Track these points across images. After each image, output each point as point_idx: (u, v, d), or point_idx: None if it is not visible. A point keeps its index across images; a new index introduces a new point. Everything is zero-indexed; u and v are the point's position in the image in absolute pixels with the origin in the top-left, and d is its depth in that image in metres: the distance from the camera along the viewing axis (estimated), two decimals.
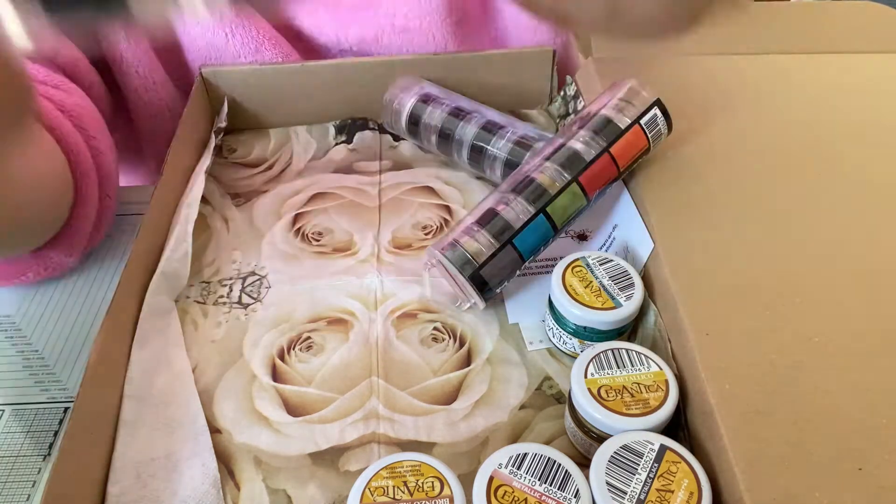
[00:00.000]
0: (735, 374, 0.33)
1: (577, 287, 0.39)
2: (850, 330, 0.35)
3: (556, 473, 0.31)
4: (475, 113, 0.52)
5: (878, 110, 0.50)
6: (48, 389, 0.41)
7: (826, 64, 0.54)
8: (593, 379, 0.34)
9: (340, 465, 0.36)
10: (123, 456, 0.36)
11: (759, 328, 0.35)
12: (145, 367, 0.40)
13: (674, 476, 0.30)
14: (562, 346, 0.40)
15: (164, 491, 0.35)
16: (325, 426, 0.38)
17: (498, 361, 0.41)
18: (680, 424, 0.36)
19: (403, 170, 0.54)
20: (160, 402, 0.39)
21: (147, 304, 0.43)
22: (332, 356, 0.41)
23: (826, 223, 0.41)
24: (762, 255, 0.39)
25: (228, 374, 0.40)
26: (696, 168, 0.44)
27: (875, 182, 0.44)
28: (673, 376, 0.35)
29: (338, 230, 0.49)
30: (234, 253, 0.48)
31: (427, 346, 0.42)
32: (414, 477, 0.31)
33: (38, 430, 0.39)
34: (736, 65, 0.54)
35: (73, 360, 0.42)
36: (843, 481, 0.29)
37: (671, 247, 0.40)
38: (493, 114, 0.52)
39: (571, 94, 0.56)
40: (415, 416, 0.38)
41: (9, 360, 0.42)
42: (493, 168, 0.50)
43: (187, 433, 0.37)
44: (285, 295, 0.45)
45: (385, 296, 0.44)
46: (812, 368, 0.33)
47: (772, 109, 0.49)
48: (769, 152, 0.46)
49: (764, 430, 0.31)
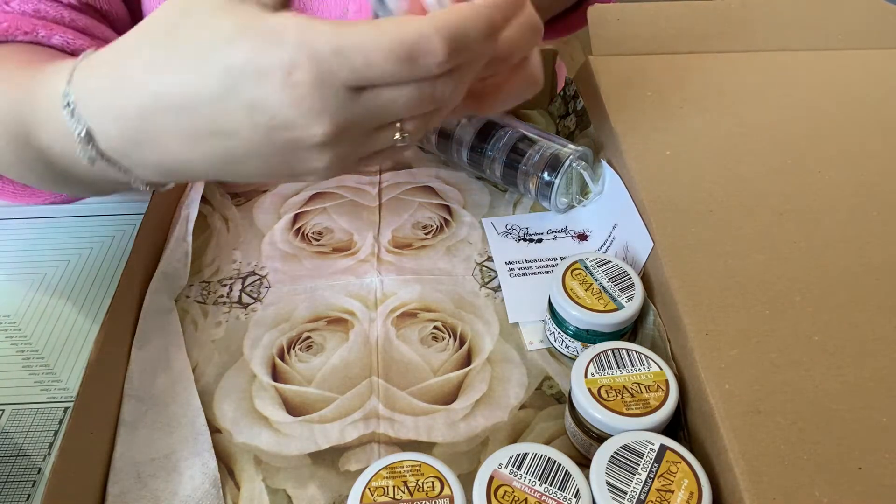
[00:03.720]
0: (735, 374, 0.33)
1: (578, 290, 0.39)
2: (850, 330, 0.35)
3: (556, 473, 0.31)
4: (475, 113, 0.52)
5: (879, 108, 0.50)
6: (48, 389, 0.41)
7: (826, 61, 0.54)
8: (593, 379, 0.34)
9: (340, 465, 0.36)
10: (123, 456, 0.36)
11: (759, 328, 0.35)
12: (145, 367, 0.40)
13: (674, 476, 0.30)
14: (563, 349, 0.40)
15: (164, 491, 0.35)
16: (325, 426, 0.38)
17: (498, 361, 0.41)
18: (680, 424, 0.36)
19: (403, 170, 0.54)
20: (160, 402, 0.39)
21: (147, 304, 0.43)
22: (332, 356, 0.41)
23: (826, 223, 0.41)
24: (762, 254, 0.39)
25: (228, 373, 0.40)
26: (696, 168, 0.44)
27: (876, 181, 0.44)
28: (673, 376, 0.35)
29: (338, 230, 0.49)
30: (234, 253, 0.48)
31: (427, 346, 0.42)
32: (414, 477, 0.31)
33: (38, 430, 0.39)
34: (736, 63, 0.54)
35: (73, 360, 0.42)
36: (843, 481, 0.29)
37: (671, 247, 0.40)
38: (493, 114, 0.52)
39: (571, 94, 0.56)
40: (415, 416, 0.38)
41: (9, 360, 0.42)
42: (492, 168, 0.50)
43: (187, 433, 0.37)
44: (285, 295, 0.45)
45: (385, 295, 0.44)
46: (812, 368, 0.33)
47: (772, 108, 0.49)
48: (769, 151, 0.46)
49: (764, 430, 0.31)
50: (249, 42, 0.28)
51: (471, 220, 0.50)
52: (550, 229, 0.49)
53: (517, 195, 0.52)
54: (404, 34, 0.27)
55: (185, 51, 0.30)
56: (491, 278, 0.46)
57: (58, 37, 0.44)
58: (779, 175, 0.44)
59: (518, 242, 0.48)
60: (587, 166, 0.47)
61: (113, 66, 0.33)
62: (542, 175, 0.47)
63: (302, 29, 0.28)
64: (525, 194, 0.51)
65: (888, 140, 0.47)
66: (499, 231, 0.49)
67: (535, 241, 0.48)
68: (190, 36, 0.30)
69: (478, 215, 0.50)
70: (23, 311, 0.45)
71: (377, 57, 0.27)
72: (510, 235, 0.48)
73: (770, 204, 0.42)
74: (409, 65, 0.28)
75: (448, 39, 0.27)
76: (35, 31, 0.43)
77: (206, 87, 0.30)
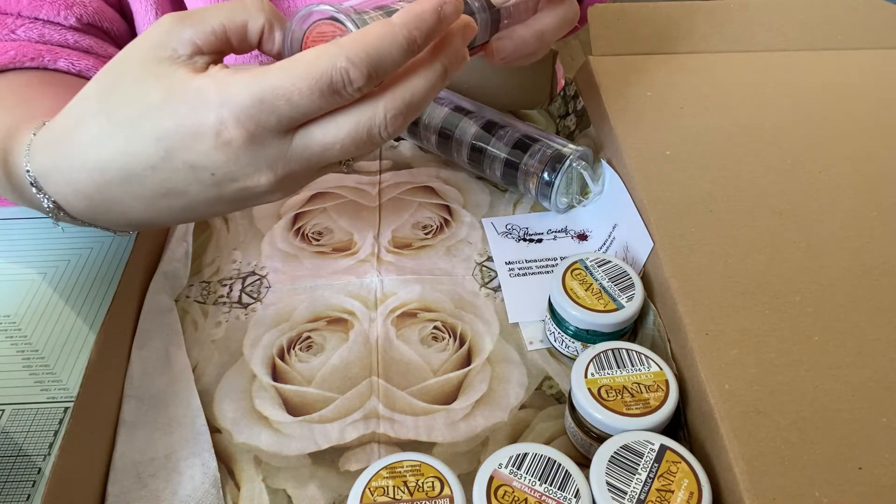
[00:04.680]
0: (735, 374, 0.33)
1: (578, 290, 0.39)
2: (850, 330, 0.35)
3: (556, 473, 0.31)
4: (475, 113, 0.52)
5: (879, 108, 0.50)
6: (48, 389, 0.41)
7: (826, 61, 0.54)
8: (593, 379, 0.34)
9: (340, 465, 0.36)
10: (123, 456, 0.36)
11: (759, 328, 0.35)
12: (145, 367, 0.40)
13: (674, 476, 0.30)
14: (563, 349, 0.40)
15: (164, 491, 0.35)
16: (325, 426, 0.38)
17: (498, 361, 0.41)
18: (680, 424, 0.36)
19: (403, 169, 0.54)
20: (160, 402, 0.39)
21: (147, 304, 0.43)
22: (332, 356, 0.41)
23: (826, 223, 0.41)
24: (762, 254, 0.39)
25: (228, 373, 0.40)
26: (696, 168, 0.44)
27: (876, 181, 0.44)
28: (673, 376, 0.35)
29: (337, 230, 0.49)
30: (234, 253, 0.48)
31: (427, 346, 0.42)
32: (414, 477, 0.31)
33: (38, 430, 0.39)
34: (736, 63, 0.54)
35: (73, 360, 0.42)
36: (843, 481, 0.29)
37: (671, 247, 0.40)
38: (493, 114, 0.52)
39: (571, 94, 0.56)
40: (415, 416, 0.38)
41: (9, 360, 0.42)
42: (492, 168, 0.50)
43: (187, 433, 0.37)
44: (285, 295, 0.45)
45: (385, 295, 0.44)
46: (812, 368, 0.33)
47: (772, 107, 0.49)
48: (769, 151, 0.46)
49: (764, 430, 0.31)
50: (175, 107, 0.29)
51: (471, 220, 0.50)
52: (550, 229, 0.49)
53: (517, 195, 0.52)
54: (319, 70, 0.28)
55: (120, 120, 0.31)
56: (491, 278, 0.46)
57: (62, 60, 0.46)
58: (779, 175, 0.44)
59: (518, 242, 0.48)
60: (587, 166, 0.47)
61: (61, 143, 0.34)
62: (542, 175, 0.47)
63: (221, 87, 0.29)
64: (525, 194, 0.51)
65: (888, 140, 0.47)
66: (499, 231, 0.49)
67: (535, 241, 0.48)
68: (122, 104, 0.31)
69: (478, 215, 0.50)
70: (23, 311, 0.45)
71: (298, 97, 0.28)
72: (510, 235, 0.48)
73: (770, 204, 0.42)
74: (332, 97, 0.28)
75: (362, 64, 0.28)
76: (41, 57, 0.45)
77: (144, 154, 0.31)
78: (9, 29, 0.47)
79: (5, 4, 0.47)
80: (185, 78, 0.30)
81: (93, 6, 0.50)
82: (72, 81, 0.46)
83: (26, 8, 0.47)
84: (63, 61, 0.46)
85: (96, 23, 0.51)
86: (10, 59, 0.44)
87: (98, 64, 0.48)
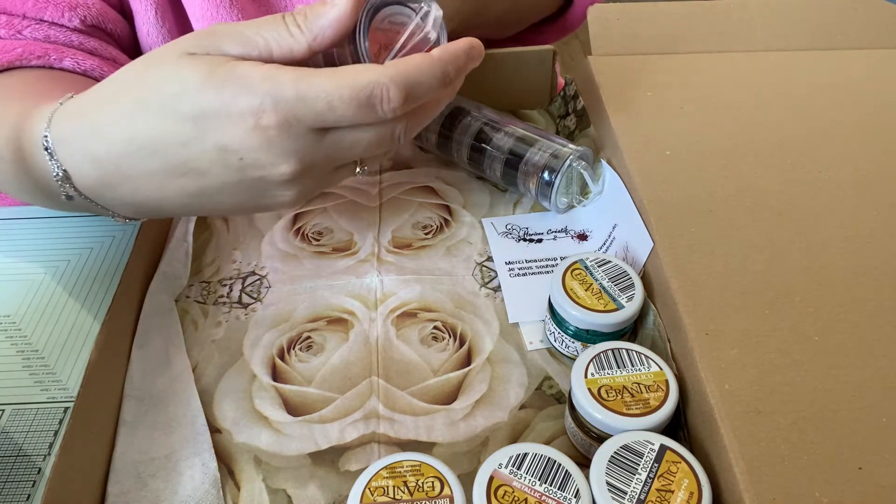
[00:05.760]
0: (735, 374, 0.33)
1: (578, 290, 0.39)
2: (851, 329, 0.35)
3: (556, 473, 0.31)
4: (475, 113, 0.52)
5: (879, 108, 0.50)
6: (48, 389, 0.41)
7: (826, 61, 0.54)
8: (593, 379, 0.34)
9: (340, 465, 0.36)
10: (123, 456, 0.36)
11: (759, 328, 0.35)
12: (145, 366, 0.40)
13: (674, 476, 0.30)
14: (563, 349, 0.40)
15: (164, 491, 0.35)
16: (325, 426, 0.38)
17: (498, 361, 0.41)
18: (680, 424, 0.36)
19: (403, 169, 0.54)
20: (160, 402, 0.39)
21: (147, 304, 0.43)
22: (332, 356, 0.41)
23: (826, 223, 0.41)
24: (762, 254, 0.39)
25: (228, 373, 0.40)
26: (696, 168, 0.44)
27: (876, 181, 0.44)
28: (673, 376, 0.35)
29: (338, 230, 0.49)
30: (234, 253, 0.48)
31: (427, 346, 0.42)
32: (414, 477, 0.31)
33: (38, 430, 0.39)
34: (735, 62, 0.54)
35: (73, 360, 0.42)
36: (843, 481, 0.29)
37: (671, 246, 0.40)
38: (493, 114, 0.52)
39: (571, 94, 0.56)
40: (415, 416, 0.38)
41: (9, 360, 0.42)
42: (492, 168, 0.50)
43: (187, 433, 0.37)
44: (285, 295, 0.45)
45: (385, 295, 0.44)
46: (812, 368, 0.33)
47: (772, 107, 0.49)
48: (769, 151, 0.46)
49: (764, 430, 0.31)
50: (218, 89, 0.31)
51: (471, 220, 0.50)
52: (550, 229, 0.49)
53: (517, 195, 0.52)
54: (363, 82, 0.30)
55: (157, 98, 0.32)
56: (491, 278, 0.46)
57: (68, 59, 0.47)
58: (779, 175, 0.44)
59: (518, 242, 0.48)
60: (587, 166, 0.47)
61: (88, 113, 0.35)
62: (542, 175, 0.47)
63: (268, 77, 0.30)
64: (525, 194, 0.51)
65: (888, 140, 0.47)
66: (499, 231, 0.49)
67: (535, 241, 0.48)
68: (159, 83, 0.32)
69: (478, 215, 0.50)
70: (23, 311, 0.45)
71: (338, 103, 0.30)
72: (510, 235, 0.48)
73: (770, 204, 0.42)
74: (367, 110, 0.31)
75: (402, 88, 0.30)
76: (47, 55, 0.46)
77: (178, 130, 0.32)
78: (15, 29, 0.47)
79: (10, 6, 0.48)
80: (227, 63, 0.31)
81: (96, 8, 0.50)
82: (78, 80, 0.46)
83: (31, 9, 0.48)
84: (69, 60, 0.47)
85: (100, 24, 0.51)
86: (18, 56, 0.44)
87: (103, 65, 0.48)
